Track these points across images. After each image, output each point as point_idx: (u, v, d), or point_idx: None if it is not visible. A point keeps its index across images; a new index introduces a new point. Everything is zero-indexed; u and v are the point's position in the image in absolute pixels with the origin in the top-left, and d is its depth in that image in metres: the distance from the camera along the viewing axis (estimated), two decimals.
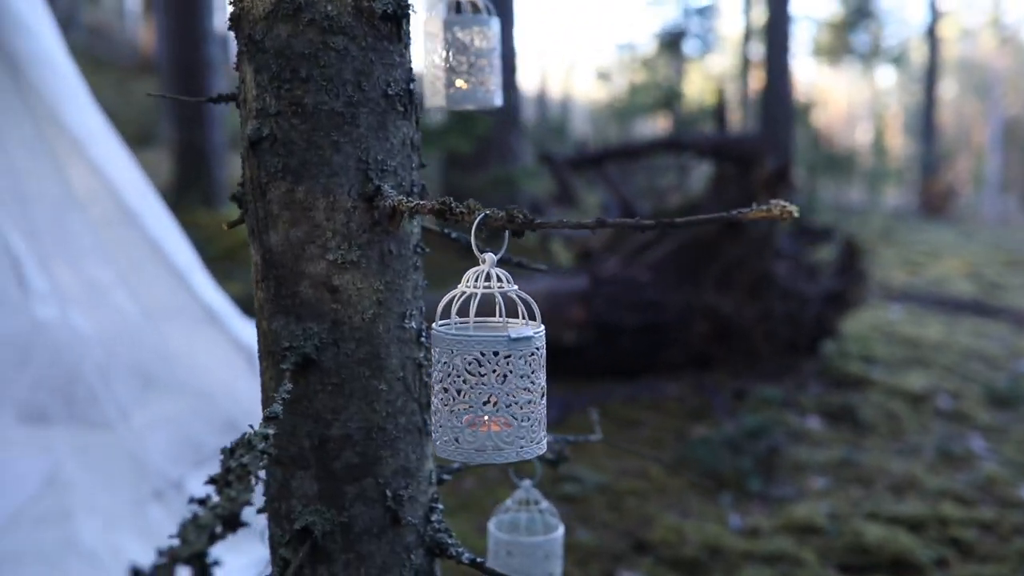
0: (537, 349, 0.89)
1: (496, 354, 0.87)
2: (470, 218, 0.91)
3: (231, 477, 0.77)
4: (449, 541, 1.11)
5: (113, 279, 2.81)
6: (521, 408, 0.88)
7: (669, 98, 13.52)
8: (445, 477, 1.23)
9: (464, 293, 0.91)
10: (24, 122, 2.71)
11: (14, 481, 2.97)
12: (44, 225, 2.74)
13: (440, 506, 1.14)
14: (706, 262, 4.76)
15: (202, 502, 0.73)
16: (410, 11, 1.04)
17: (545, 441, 0.92)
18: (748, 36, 16.29)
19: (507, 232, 0.90)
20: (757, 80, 14.53)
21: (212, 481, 0.77)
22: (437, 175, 8.20)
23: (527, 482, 1.41)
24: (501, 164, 7.23)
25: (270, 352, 1.04)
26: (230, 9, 1.02)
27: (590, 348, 4.64)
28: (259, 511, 1.07)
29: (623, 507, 3.40)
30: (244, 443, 0.82)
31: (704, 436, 3.91)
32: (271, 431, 0.86)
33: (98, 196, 2.74)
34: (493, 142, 7.29)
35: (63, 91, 2.70)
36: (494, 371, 0.87)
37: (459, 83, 1.31)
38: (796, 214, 0.79)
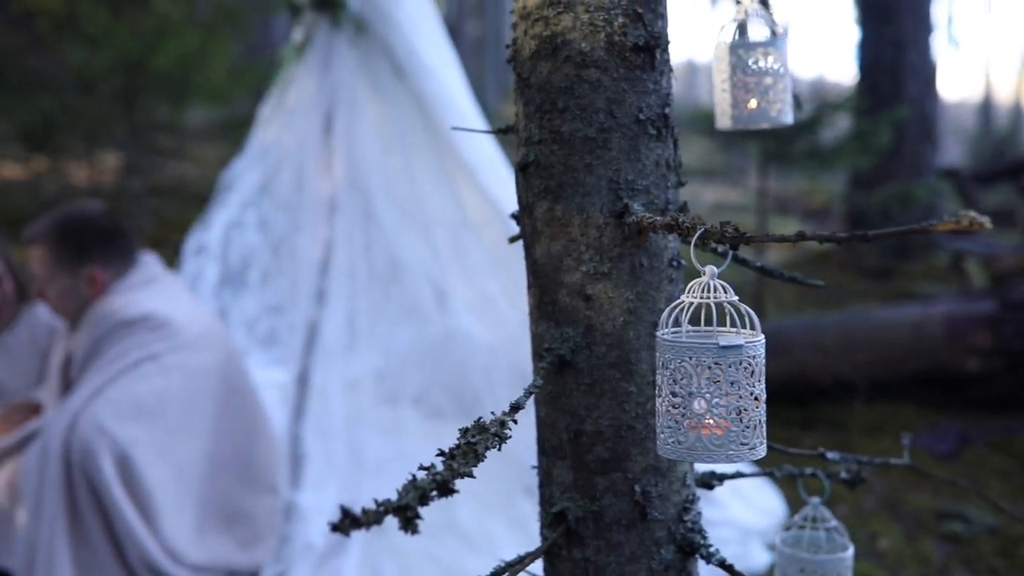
0: (750, 357, 0.93)
1: (707, 360, 0.92)
2: (694, 232, 0.97)
3: (458, 452, 0.91)
4: (701, 541, 1.16)
5: (499, 291, 3.15)
6: (733, 413, 0.92)
7: None
8: (714, 483, 1.28)
9: (690, 303, 0.97)
10: (429, 155, 3.15)
11: (412, 466, 3.43)
12: (445, 243, 3.15)
13: (697, 508, 1.19)
14: None
15: (427, 468, 0.88)
16: (665, 41, 1.11)
17: (762, 447, 0.94)
18: None
19: (728, 247, 0.95)
20: None
21: (441, 453, 0.91)
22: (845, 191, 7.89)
23: (815, 499, 1.40)
24: (913, 179, 6.76)
25: (536, 352, 1.18)
26: (508, 52, 1.18)
27: (996, 377, 4.20)
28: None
29: (1016, 555, 3.06)
30: (479, 426, 0.96)
31: None
32: (510, 418, 0.98)
33: (490, 220, 3.09)
34: (904, 157, 6.85)
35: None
36: (706, 376, 0.92)
37: (749, 103, 1.35)
38: None
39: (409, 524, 0.82)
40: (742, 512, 3.12)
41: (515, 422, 0.99)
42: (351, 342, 3.13)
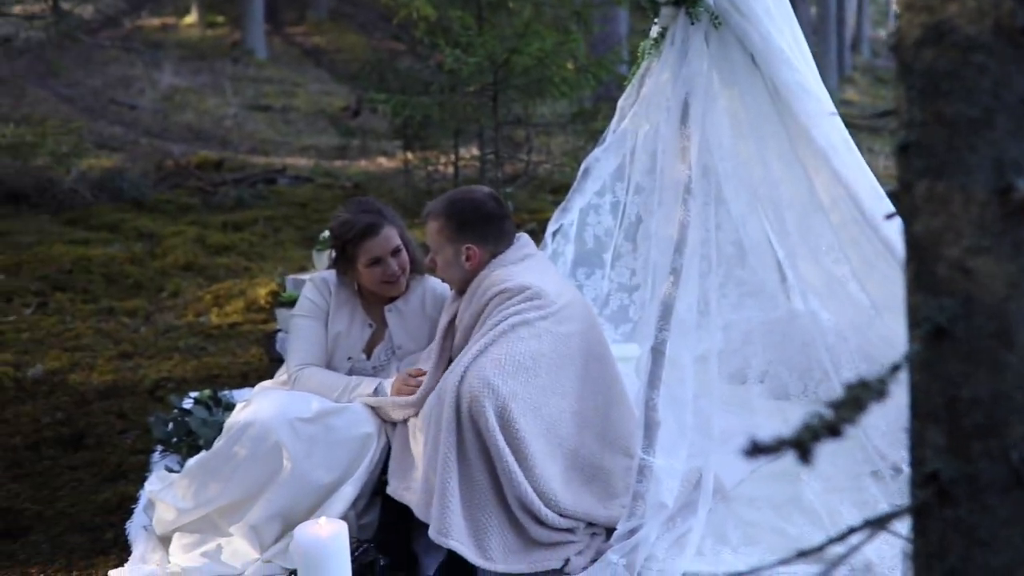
0: None
1: None
2: None
3: (844, 402, 1.03)
4: None
5: (847, 274, 3.15)
6: None
7: None
8: None
9: None
10: (781, 139, 3.21)
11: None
12: (793, 226, 3.20)
13: None
14: None
15: (820, 416, 1.01)
16: None
17: None
18: None
19: None
20: None
21: (831, 405, 1.03)
22: None
23: None
24: None
25: (912, 321, 1.25)
26: (892, 39, 1.26)
27: None
28: None
29: None
30: (863, 383, 1.07)
31: None
32: (891, 377, 1.08)
33: (838, 201, 3.10)
34: None
35: (814, 112, 3.13)
36: None
37: None
38: None
39: (805, 456, 0.95)
40: None
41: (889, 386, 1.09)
42: (701, 319, 3.27)
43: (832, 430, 0.99)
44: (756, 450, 0.95)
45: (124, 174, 9.20)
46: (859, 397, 1.04)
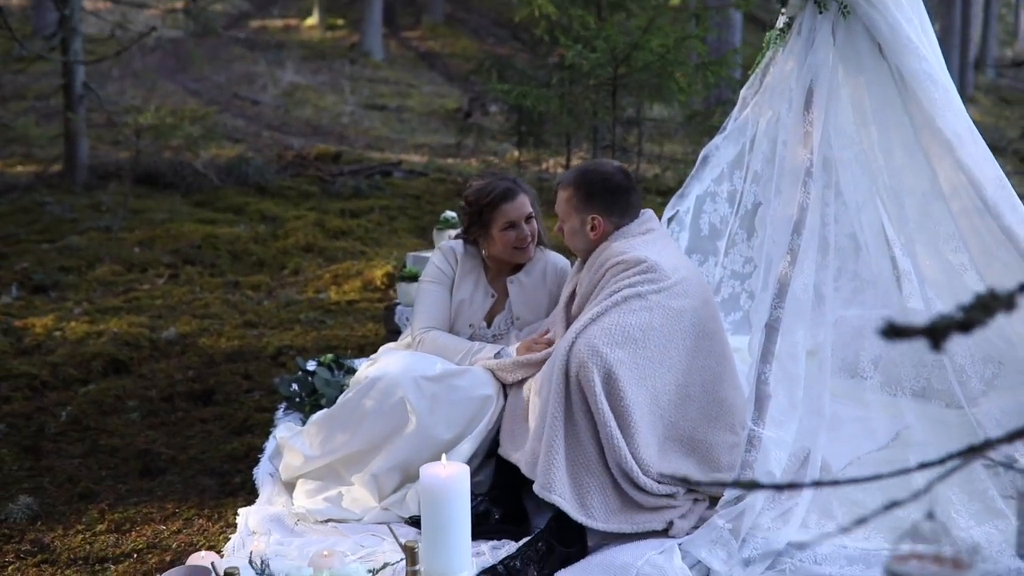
0: None
1: None
2: None
3: (974, 305, 1.12)
4: None
5: (965, 263, 3.16)
6: None
7: None
8: None
9: None
10: (905, 128, 3.25)
11: (869, 433, 3.54)
12: (912, 213, 3.23)
13: None
14: None
15: (952, 314, 1.10)
16: None
17: None
18: None
19: None
20: None
21: (961, 307, 1.12)
22: None
23: None
24: None
25: None
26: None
27: None
28: None
29: None
30: (993, 294, 1.15)
31: None
32: (1018, 293, 1.17)
33: (959, 190, 3.12)
34: None
35: (940, 102, 3.16)
36: None
37: None
38: None
39: (937, 343, 1.05)
40: None
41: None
42: (814, 311, 3.32)
43: (963, 326, 1.08)
44: (893, 331, 1.05)
45: (249, 161, 9.65)
46: (988, 304, 1.12)
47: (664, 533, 2.95)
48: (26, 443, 4.08)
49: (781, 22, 3.53)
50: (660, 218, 4.16)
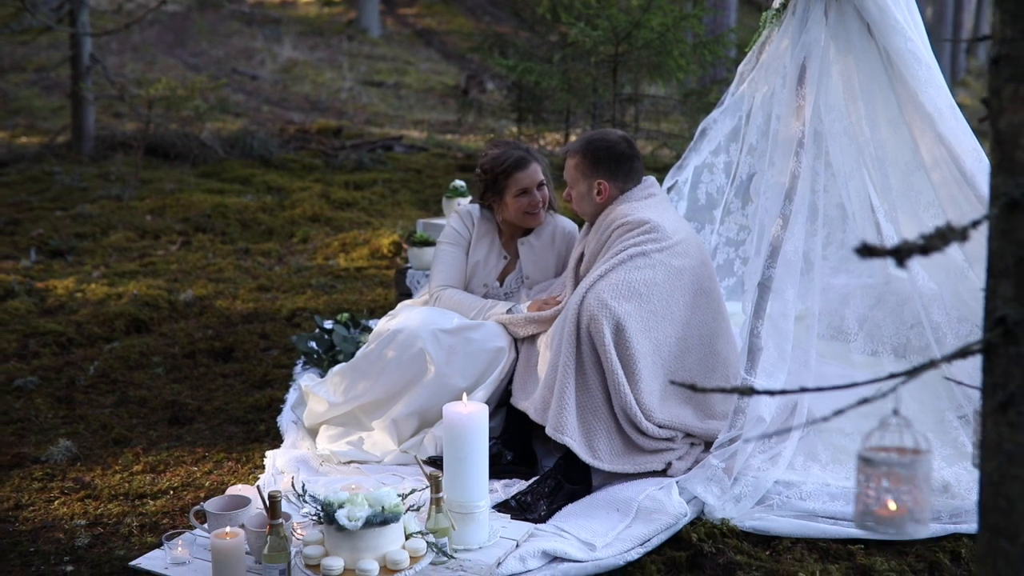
0: None
1: None
2: None
3: (933, 236, 1.37)
4: None
5: None
6: None
7: None
8: None
9: None
10: (891, 103, 3.49)
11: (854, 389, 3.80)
12: (895, 182, 3.49)
13: None
14: None
15: (914, 240, 1.35)
16: None
17: None
18: None
19: None
20: None
21: (922, 236, 1.37)
22: None
23: None
24: None
25: (994, 196, 1.58)
26: None
27: None
28: None
29: None
30: (950, 227, 1.41)
31: None
32: (970, 227, 1.42)
33: (940, 162, 3.37)
34: None
35: (923, 79, 3.40)
36: None
37: None
38: None
39: (901, 262, 1.30)
40: None
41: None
42: (803, 278, 3.57)
43: (923, 250, 1.33)
44: (866, 250, 1.30)
45: (254, 134, 9.84)
46: (945, 234, 1.38)
47: (663, 473, 3.22)
48: (59, 394, 4.32)
49: (777, 2, 3.77)
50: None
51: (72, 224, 7.27)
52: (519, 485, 3.27)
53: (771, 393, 1.63)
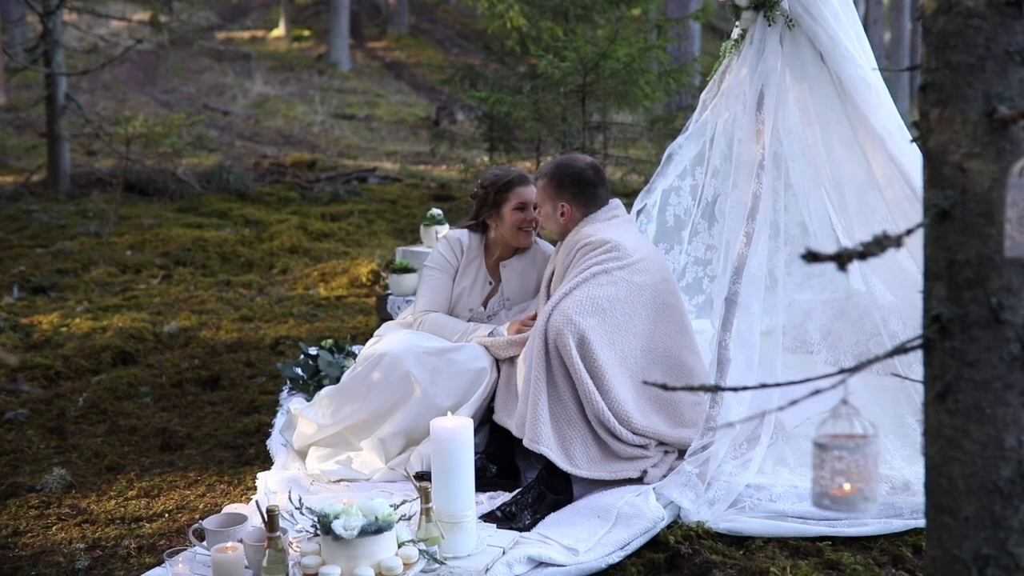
0: None
1: None
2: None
3: (872, 243, 1.55)
4: None
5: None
6: None
7: None
8: None
9: None
10: (844, 126, 3.71)
11: (818, 398, 3.99)
12: (851, 202, 3.70)
13: None
14: None
15: (854, 248, 1.53)
16: None
17: None
18: None
19: None
20: None
21: (863, 244, 1.56)
22: None
23: None
24: None
25: (926, 207, 1.77)
26: (919, 12, 1.79)
27: None
28: None
29: None
30: (886, 235, 1.59)
31: None
32: (904, 235, 1.60)
33: (892, 180, 3.58)
34: None
35: (873, 103, 3.63)
36: None
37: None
38: None
39: (843, 266, 1.48)
40: None
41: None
42: (768, 295, 3.76)
43: (862, 256, 1.51)
44: (811, 256, 1.48)
45: (229, 169, 9.97)
46: (882, 241, 1.56)
47: (640, 481, 3.38)
48: (50, 425, 4.41)
49: (735, 33, 3.99)
50: (629, 211, 4.61)
51: (53, 260, 7.36)
52: (503, 497, 3.42)
53: (735, 389, 1.80)
